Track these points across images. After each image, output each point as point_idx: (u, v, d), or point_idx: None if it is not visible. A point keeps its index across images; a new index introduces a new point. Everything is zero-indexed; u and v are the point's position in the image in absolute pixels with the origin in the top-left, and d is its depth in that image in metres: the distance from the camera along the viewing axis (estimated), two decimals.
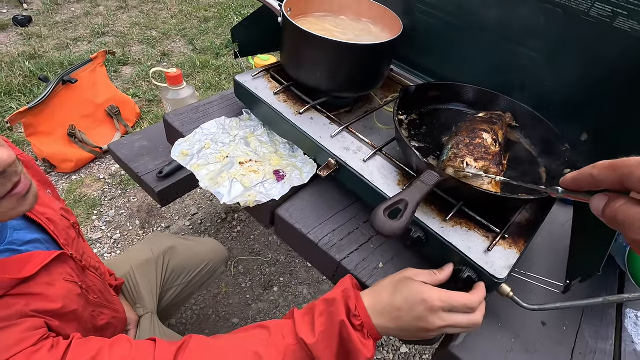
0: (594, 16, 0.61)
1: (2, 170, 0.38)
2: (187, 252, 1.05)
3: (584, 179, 0.33)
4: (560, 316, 0.59)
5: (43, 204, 0.61)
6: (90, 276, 0.66)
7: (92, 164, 1.86)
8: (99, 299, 0.66)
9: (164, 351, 0.48)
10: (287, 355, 0.48)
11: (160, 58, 2.62)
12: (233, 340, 0.51)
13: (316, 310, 0.51)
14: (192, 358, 0.48)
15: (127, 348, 0.48)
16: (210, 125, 0.78)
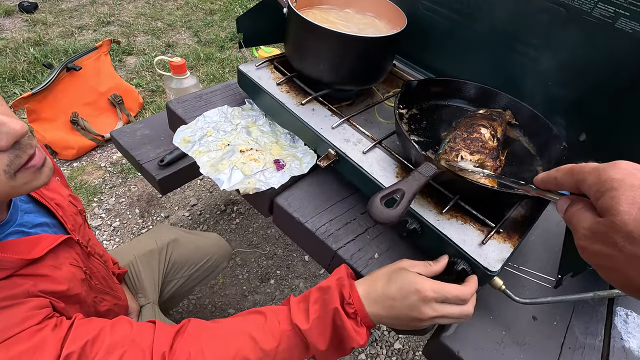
0: (596, 16, 0.62)
1: (16, 140, 0.39)
2: (190, 245, 1.06)
3: (550, 181, 0.36)
4: (551, 311, 0.59)
5: (52, 190, 0.62)
6: (95, 262, 0.67)
7: (93, 151, 1.87)
8: (102, 286, 0.67)
9: (163, 333, 0.49)
10: (282, 340, 0.49)
11: (165, 49, 2.63)
12: (230, 324, 0.52)
13: (311, 297, 0.52)
14: (189, 340, 0.49)
15: (127, 328, 0.49)
16: (212, 114, 0.78)
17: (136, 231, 1.60)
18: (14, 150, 0.40)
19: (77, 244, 0.60)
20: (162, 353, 0.47)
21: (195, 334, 0.50)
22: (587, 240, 0.30)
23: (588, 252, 0.30)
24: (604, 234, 0.28)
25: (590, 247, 0.30)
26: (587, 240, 0.30)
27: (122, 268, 0.90)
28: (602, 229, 0.28)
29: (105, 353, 0.45)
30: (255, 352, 0.49)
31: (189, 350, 0.48)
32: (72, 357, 0.43)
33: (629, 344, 0.59)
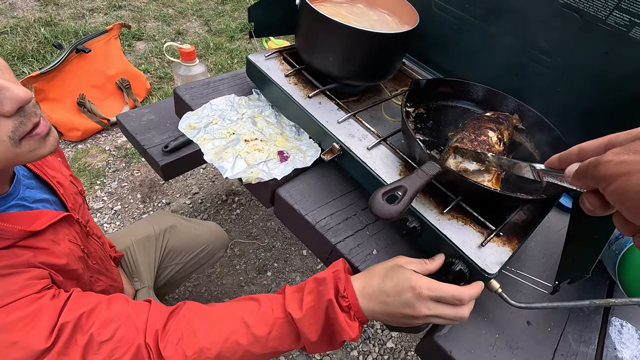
0: (610, 24, 0.61)
1: (20, 106, 0.39)
2: (187, 232, 1.06)
3: (570, 155, 0.35)
4: (546, 317, 0.59)
5: (54, 168, 0.62)
6: (93, 243, 0.68)
7: (98, 134, 1.88)
8: (99, 266, 0.68)
9: (157, 312, 0.50)
10: (274, 328, 0.50)
11: (175, 36, 2.62)
12: (224, 308, 0.53)
13: (306, 287, 0.52)
14: (183, 321, 0.50)
15: (123, 305, 0.50)
16: (219, 102, 0.78)
17: (137, 216, 1.61)
18: (19, 116, 0.40)
19: (76, 222, 0.61)
20: (155, 331, 0.47)
21: (189, 316, 0.51)
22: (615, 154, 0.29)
23: (612, 163, 0.29)
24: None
25: (618, 158, 0.29)
26: (615, 155, 0.29)
27: (118, 252, 0.91)
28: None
29: (100, 326, 0.46)
30: (247, 337, 0.49)
31: (182, 331, 0.48)
32: (67, 326, 0.44)
33: (621, 354, 0.59)
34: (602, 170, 0.30)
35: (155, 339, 0.47)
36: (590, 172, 0.31)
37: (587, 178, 0.32)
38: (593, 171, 0.31)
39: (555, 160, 0.37)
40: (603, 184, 0.30)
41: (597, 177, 0.30)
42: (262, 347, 0.50)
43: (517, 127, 0.73)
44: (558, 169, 0.36)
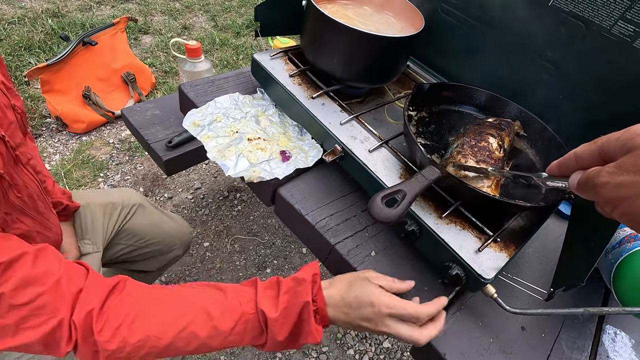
0: (615, 34, 0.62)
1: None
2: (152, 218, 0.98)
3: (568, 160, 0.35)
4: (540, 323, 0.60)
5: None
6: (25, 174, 0.56)
7: (103, 127, 1.89)
8: (24, 204, 0.55)
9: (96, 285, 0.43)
10: (240, 322, 0.47)
11: (181, 31, 2.63)
12: (182, 293, 0.48)
13: (282, 286, 0.50)
14: (127, 301, 0.43)
15: (54, 265, 0.42)
16: (223, 100, 0.79)
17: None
18: None
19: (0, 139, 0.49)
20: (88, 310, 0.40)
21: (136, 297, 0.44)
22: (611, 175, 0.30)
23: (609, 186, 0.30)
24: (633, 164, 0.28)
25: (614, 180, 0.29)
26: (610, 175, 0.30)
27: (74, 202, 0.79)
28: (631, 160, 0.29)
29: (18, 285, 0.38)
30: (208, 330, 0.45)
31: (125, 313, 0.42)
32: None
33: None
34: (602, 194, 0.30)
35: (88, 318, 0.40)
36: (591, 191, 0.32)
37: (590, 195, 0.32)
38: (593, 190, 0.31)
39: (555, 168, 0.37)
40: (608, 208, 0.31)
41: (599, 199, 0.31)
42: (221, 342, 0.46)
43: (518, 133, 0.73)
44: (559, 176, 0.37)
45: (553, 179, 0.39)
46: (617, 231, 0.64)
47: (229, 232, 1.62)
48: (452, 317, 0.59)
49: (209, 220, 1.65)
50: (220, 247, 1.57)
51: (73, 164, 1.69)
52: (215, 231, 1.62)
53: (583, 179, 0.33)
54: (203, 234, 1.60)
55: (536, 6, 0.68)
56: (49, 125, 1.83)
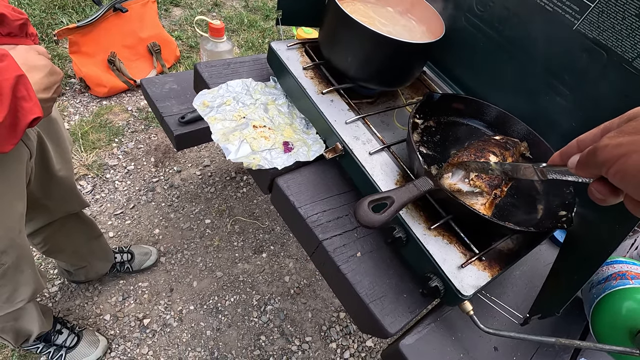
0: (636, 67, 0.60)
1: None
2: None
3: (570, 148, 0.37)
4: (514, 347, 0.60)
5: None
6: None
7: (123, 94, 1.93)
8: None
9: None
10: None
11: (211, 7, 2.64)
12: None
13: None
14: None
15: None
16: (235, 84, 0.80)
17: (148, 178, 1.66)
18: None
19: None
20: None
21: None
22: (611, 138, 0.31)
23: (609, 147, 0.31)
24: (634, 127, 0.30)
25: (614, 141, 0.30)
26: (610, 138, 0.31)
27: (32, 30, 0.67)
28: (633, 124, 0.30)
29: None
30: None
31: None
32: None
33: None
34: (601, 155, 0.31)
35: None
36: (591, 160, 0.32)
37: (590, 166, 0.33)
38: (593, 158, 0.32)
39: (557, 157, 0.39)
40: (604, 169, 0.31)
41: (598, 163, 0.32)
42: None
43: (524, 154, 0.73)
44: (560, 164, 0.38)
45: (552, 168, 0.39)
46: (606, 267, 0.63)
47: (231, 213, 1.65)
48: (427, 327, 0.59)
49: (213, 199, 1.68)
50: (221, 226, 1.60)
51: (91, 126, 1.74)
52: (218, 210, 1.65)
53: (584, 154, 0.33)
54: (206, 210, 1.63)
55: (560, 28, 0.67)
56: (73, 85, 1.88)
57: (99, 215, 1.50)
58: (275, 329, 1.39)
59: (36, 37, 0.66)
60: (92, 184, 1.58)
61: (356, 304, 0.59)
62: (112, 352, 1.22)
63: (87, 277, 1.26)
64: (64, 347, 1.12)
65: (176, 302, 1.37)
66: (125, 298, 1.34)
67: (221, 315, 1.38)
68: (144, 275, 1.40)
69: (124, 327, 1.28)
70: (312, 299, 1.49)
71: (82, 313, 1.28)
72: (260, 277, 1.50)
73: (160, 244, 1.49)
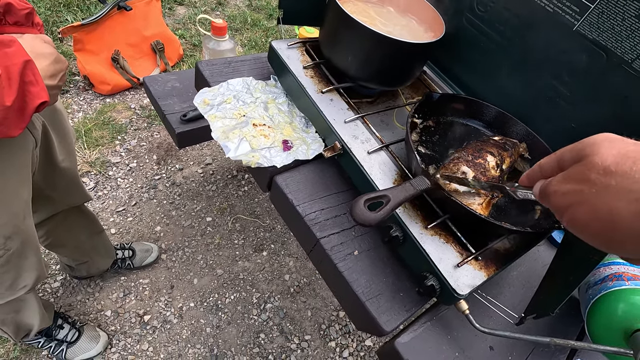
0: (635, 69, 0.60)
1: None
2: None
3: (534, 171, 0.38)
4: (509, 346, 0.60)
5: None
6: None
7: (127, 92, 1.94)
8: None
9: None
10: None
11: (215, 6, 2.65)
12: None
13: None
14: None
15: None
16: (236, 82, 0.81)
17: (150, 176, 1.67)
18: None
19: None
20: None
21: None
22: (559, 184, 0.31)
23: (557, 195, 0.31)
24: (579, 172, 0.30)
25: (561, 188, 0.31)
26: (559, 184, 0.31)
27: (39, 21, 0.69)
28: (578, 169, 0.30)
29: None
30: None
31: None
32: None
33: None
34: (552, 202, 0.32)
35: None
36: (545, 200, 0.33)
37: (548, 203, 0.34)
38: (547, 201, 0.33)
39: (525, 179, 0.40)
40: (558, 216, 0.32)
41: (552, 209, 0.33)
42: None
43: (523, 155, 0.73)
44: (528, 186, 0.39)
45: (523, 188, 0.41)
46: (603, 268, 0.63)
47: (232, 211, 1.66)
48: (423, 325, 0.60)
49: (214, 197, 1.69)
50: (222, 224, 1.61)
51: (94, 123, 1.75)
52: (219, 208, 1.65)
53: (542, 188, 0.34)
54: (207, 208, 1.64)
55: (560, 29, 0.67)
56: (77, 83, 1.89)
57: (101, 212, 1.52)
58: (274, 327, 1.39)
59: (42, 27, 0.68)
60: (94, 181, 1.59)
61: (353, 302, 0.59)
62: (112, 348, 1.23)
63: (89, 272, 1.27)
64: (65, 342, 1.13)
65: (176, 299, 1.38)
66: (126, 294, 1.35)
67: (221, 312, 1.38)
68: (145, 272, 1.41)
69: (125, 323, 1.29)
70: (311, 298, 1.49)
71: (84, 309, 1.29)
72: (260, 275, 1.51)
73: (161, 241, 1.50)
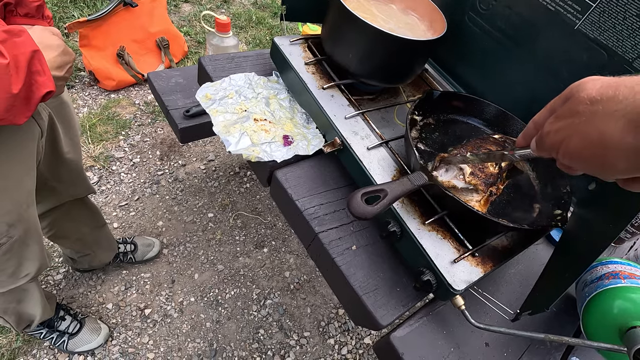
0: (636, 68, 0.60)
1: None
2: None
3: (528, 128, 0.40)
4: (505, 343, 0.61)
5: None
6: None
7: (131, 87, 1.96)
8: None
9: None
10: None
11: (220, 3, 2.66)
12: None
13: None
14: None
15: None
16: (238, 78, 0.81)
17: (153, 171, 1.69)
18: None
19: None
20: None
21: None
22: (551, 125, 0.34)
23: (551, 134, 0.33)
24: (568, 109, 0.32)
25: (554, 127, 0.33)
26: (551, 125, 0.34)
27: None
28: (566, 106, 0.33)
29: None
30: None
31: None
32: None
33: None
34: (547, 142, 0.34)
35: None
36: (541, 146, 0.36)
37: (543, 150, 0.36)
38: (542, 143, 0.35)
39: (521, 139, 0.42)
40: (554, 154, 0.34)
41: (547, 148, 0.35)
42: None
43: None
44: (525, 146, 0.41)
45: (520, 149, 0.43)
46: (600, 267, 0.63)
47: (234, 207, 1.67)
48: (419, 320, 0.60)
49: (216, 193, 1.70)
50: (223, 220, 1.62)
51: (99, 118, 1.77)
52: (221, 204, 1.66)
53: (537, 137, 0.36)
54: (209, 204, 1.65)
55: (562, 28, 0.67)
56: (82, 78, 1.91)
57: (104, 206, 1.53)
58: (274, 323, 1.40)
59: (51, 20, 0.69)
60: (98, 175, 1.60)
61: (350, 296, 0.60)
62: (113, 340, 1.24)
63: (91, 265, 1.29)
64: (67, 333, 1.15)
65: (177, 293, 1.39)
66: (128, 288, 1.36)
67: (221, 307, 1.39)
68: (147, 266, 1.43)
69: (126, 316, 1.30)
70: (311, 295, 1.50)
71: (85, 301, 1.30)
72: (260, 272, 1.52)
73: (163, 236, 1.51)
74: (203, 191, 1.69)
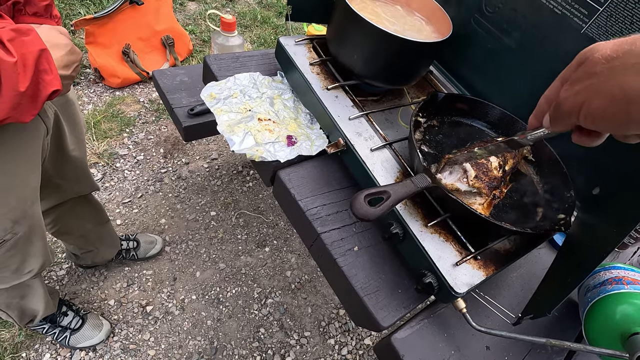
0: None
1: None
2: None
3: (540, 105, 0.39)
4: (506, 347, 0.61)
5: None
6: None
7: (136, 85, 1.96)
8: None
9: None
10: None
11: (226, 2, 2.67)
12: None
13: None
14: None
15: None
16: (243, 77, 0.81)
17: (156, 169, 1.69)
18: None
19: None
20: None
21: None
22: (567, 91, 0.33)
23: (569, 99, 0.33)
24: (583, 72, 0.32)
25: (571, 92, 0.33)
26: (567, 91, 0.33)
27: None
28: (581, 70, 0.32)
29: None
30: None
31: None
32: None
33: None
34: (566, 107, 0.33)
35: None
36: (559, 113, 0.35)
37: (560, 119, 0.35)
38: (560, 111, 0.34)
39: (533, 119, 0.41)
40: (574, 118, 0.33)
41: (565, 114, 0.34)
42: None
43: (526, 157, 0.72)
44: (538, 126, 0.40)
45: (531, 133, 0.41)
46: (603, 272, 0.63)
47: (236, 206, 1.67)
48: (420, 323, 0.60)
49: (219, 191, 1.70)
50: (226, 219, 1.63)
51: (103, 115, 1.78)
52: (224, 203, 1.67)
53: (551, 110, 0.35)
54: (212, 203, 1.65)
55: (568, 32, 0.66)
56: (88, 75, 1.92)
57: (108, 203, 1.54)
58: (274, 322, 1.40)
59: (60, 20, 0.70)
60: (102, 172, 1.61)
61: (351, 296, 0.60)
62: (114, 337, 1.25)
63: (94, 261, 1.29)
64: (69, 328, 1.15)
65: (179, 291, 1.39)
66: (130, 285, 1.37)
67: (222, 306, 1.40)
68: (149, 264, 1.43)
69: (127, 312, 1.31)
70: (312, 295, 1.50)
71: (88, 297, 1.31)
72: (262, 271, 1.52)
73: (165, 234, 1.52)
74: (206, 189, 1.69)
